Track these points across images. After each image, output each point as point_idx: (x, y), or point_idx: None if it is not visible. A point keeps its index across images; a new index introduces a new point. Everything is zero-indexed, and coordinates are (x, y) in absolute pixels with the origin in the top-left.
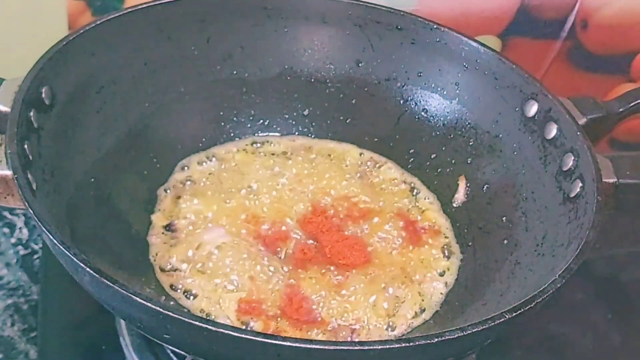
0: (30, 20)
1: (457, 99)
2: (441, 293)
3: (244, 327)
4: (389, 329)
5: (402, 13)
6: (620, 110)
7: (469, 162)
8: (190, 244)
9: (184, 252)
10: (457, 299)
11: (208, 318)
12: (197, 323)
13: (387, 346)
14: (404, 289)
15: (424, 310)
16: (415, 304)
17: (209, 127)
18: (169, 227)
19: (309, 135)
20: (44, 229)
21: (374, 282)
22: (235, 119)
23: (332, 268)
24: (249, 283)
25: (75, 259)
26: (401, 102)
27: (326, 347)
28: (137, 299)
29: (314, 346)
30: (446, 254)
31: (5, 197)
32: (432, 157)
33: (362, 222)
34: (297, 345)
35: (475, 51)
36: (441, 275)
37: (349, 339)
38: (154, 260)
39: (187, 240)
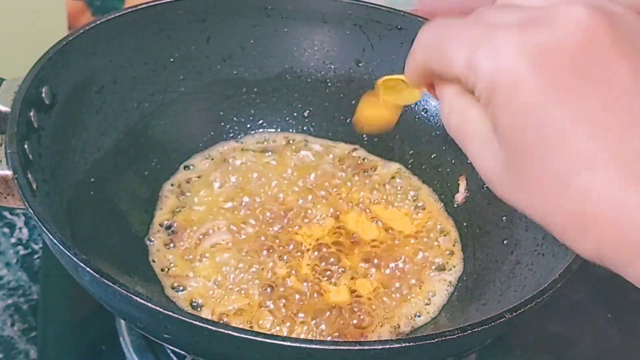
0: (30, 20)
1: None
2: (446, 291)
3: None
4: (393, 329)
5: (402, 13)
6: None
7: (469, 162)
8: (191, 243)
9: (184, 251)
10: (457, 299)
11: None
12: (197, 323)
13: (387, 346)
14: (405, 288)
15: (425, 310)
16: (417, 303)
17: (209, 127)
18: (169, 227)
19: (309, 134)
20: (44, 229)
21: (376, 282)
22: (235, 118)
23: (334, 268)
24: (250, 283)
25: (75, 259)
26: None
27: (326, 347)
28: (137, 299)
29: (314, 346)
30: (448, 254)
31: (5, 197)
32: (432, 157)
33: (364, 222)
34: (297, 345)
35: None
36: (443, 274)
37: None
38: (154, 260)
39: (188, 240)
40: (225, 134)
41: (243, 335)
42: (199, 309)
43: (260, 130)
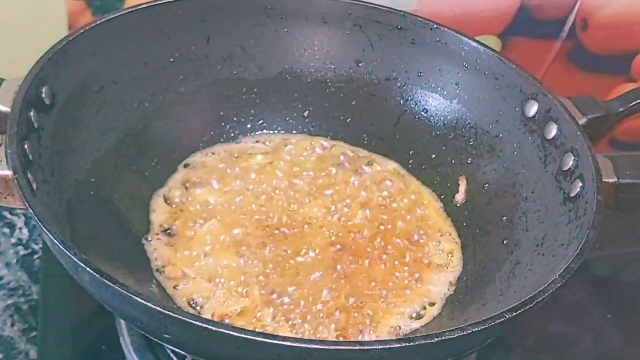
0: (30, 20)
1: (457, 99)
2: (446, 291)
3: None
4: (393, 329)
5: (402, 13)
6: (621, 110)
7: (469, 162)
8: (191, 243)
9: (184, 251)
10: (457, 299)
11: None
12: (197, 323)
13: (387, 346)
14: (405, 288)
15: (425, 310)
16: (417, 303)
17: (209, 127)
18: (169, 227)
19: (309, 134)
20: (44, 229)
21: (376, 283)
22: (235, 118)
23: (334, 267)
24: (250, 283)
25: (75, 259)
26: (401, 102)
27: (326, 347)
28: (137, 299)
29: (314, 346)
30: (448, 254)
31: (5, 197)
32: (432, 157)
33: (364, 222)
34: (297, 345)
35: (475, 51)
36: (443, 274)
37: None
38: (154, 260)
39: (188, 240)
40: (225, 134)
41: (243, 335)
42: (199, 309)
43: (260, 130)
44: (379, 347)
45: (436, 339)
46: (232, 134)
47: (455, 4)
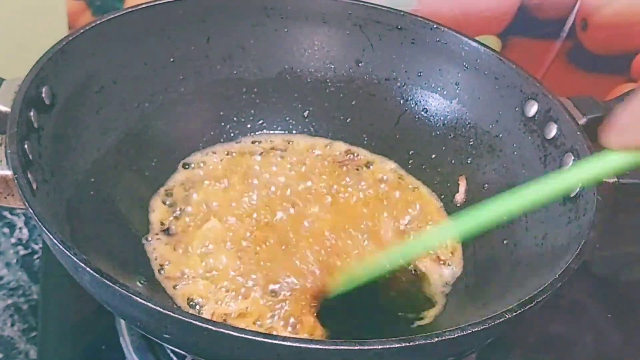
0: (30, 20)
1: (457, 99)
2: (444, 293)
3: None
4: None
5: (402, 13)
6: None
7: (469, 162)
8: (191, 243)
9: (184, 251)
10: (457, 299)
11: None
12: (197, 323)
13: (387, 346)
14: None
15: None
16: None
17: (209, 127)
18: (169, 227)
19: (309, 134)
20: (44, 229)
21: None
22: (235, 118)
23: (335, 267)
24: (250, 283)
25: (75, 259)
26: (401, 102)
27: (326, 347)
28: (137, 299)
29: (314, 346)
30: (448, 253)
31: (5, 197)
32: (432, 157)
33: (364, 222)
34: (297, 345)
35: (475, 51)
36: (443, 274)
37: None
38: (154, 260)
39: (188, 240)
40: (225, 134)
41: (243, 335)
42: (199, 310)
43: (260, 130)
44: (379, 347)
45: (436, 339)
46: (232, 134)
47: (455, 4)
